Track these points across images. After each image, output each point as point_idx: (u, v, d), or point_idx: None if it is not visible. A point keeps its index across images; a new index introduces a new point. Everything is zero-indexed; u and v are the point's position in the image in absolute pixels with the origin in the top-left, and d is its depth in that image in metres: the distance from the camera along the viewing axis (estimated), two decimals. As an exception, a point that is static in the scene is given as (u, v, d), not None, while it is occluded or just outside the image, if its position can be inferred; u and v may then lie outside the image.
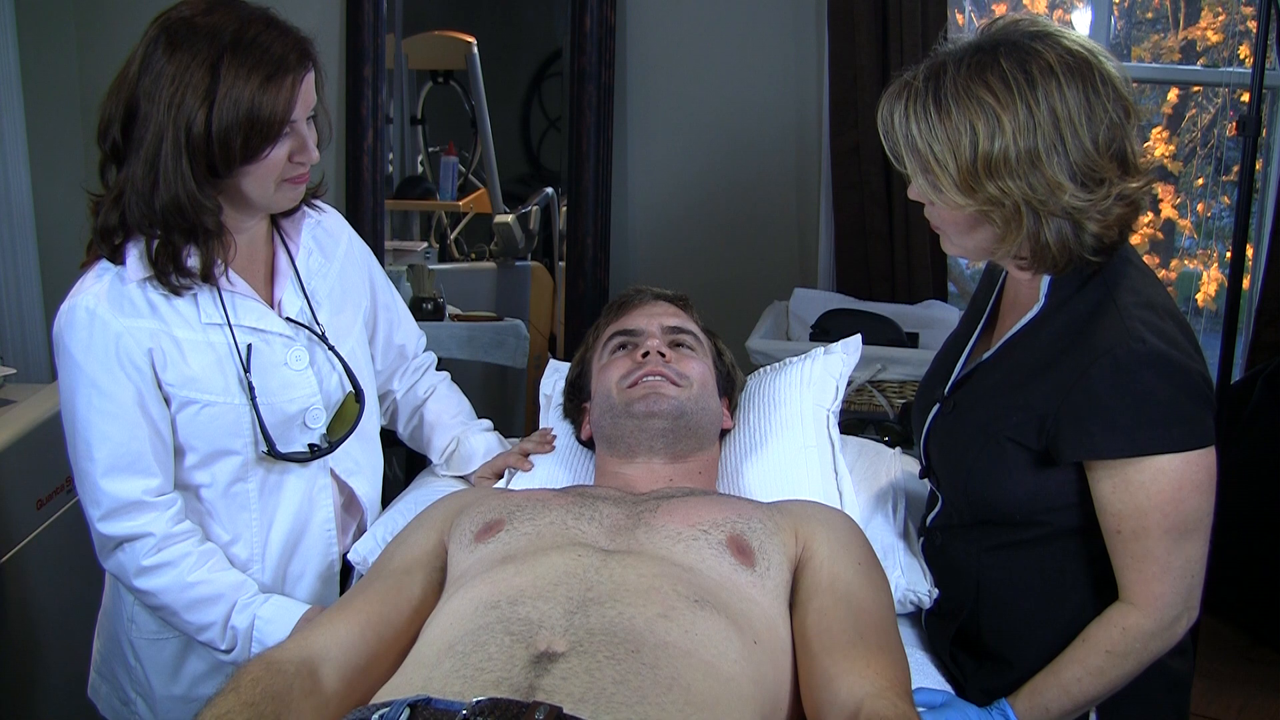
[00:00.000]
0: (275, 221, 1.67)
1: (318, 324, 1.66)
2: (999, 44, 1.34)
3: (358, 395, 1.69)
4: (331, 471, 1.71)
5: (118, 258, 1.52)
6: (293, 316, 1.64)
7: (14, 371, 2.38)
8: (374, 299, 1.82)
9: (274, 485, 1.65)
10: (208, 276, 1.54)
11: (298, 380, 1.63)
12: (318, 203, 1.75)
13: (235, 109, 1.44)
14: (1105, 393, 1.34)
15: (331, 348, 1.67)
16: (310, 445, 1.65)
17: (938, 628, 1.60)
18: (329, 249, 1.73)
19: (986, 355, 1.52)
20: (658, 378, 1.66)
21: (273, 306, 1.64)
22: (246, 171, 1.50)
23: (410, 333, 1.91)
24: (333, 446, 1.66)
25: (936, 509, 1.62)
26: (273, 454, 1.59)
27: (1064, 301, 1.43)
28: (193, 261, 1.52)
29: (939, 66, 1.36)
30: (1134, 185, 1.35)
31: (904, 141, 1.38)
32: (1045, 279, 1.44)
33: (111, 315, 1.50)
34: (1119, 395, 1.33)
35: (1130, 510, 1.36)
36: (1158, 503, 1.34)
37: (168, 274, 1.51)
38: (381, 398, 1.91)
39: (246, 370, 1.57)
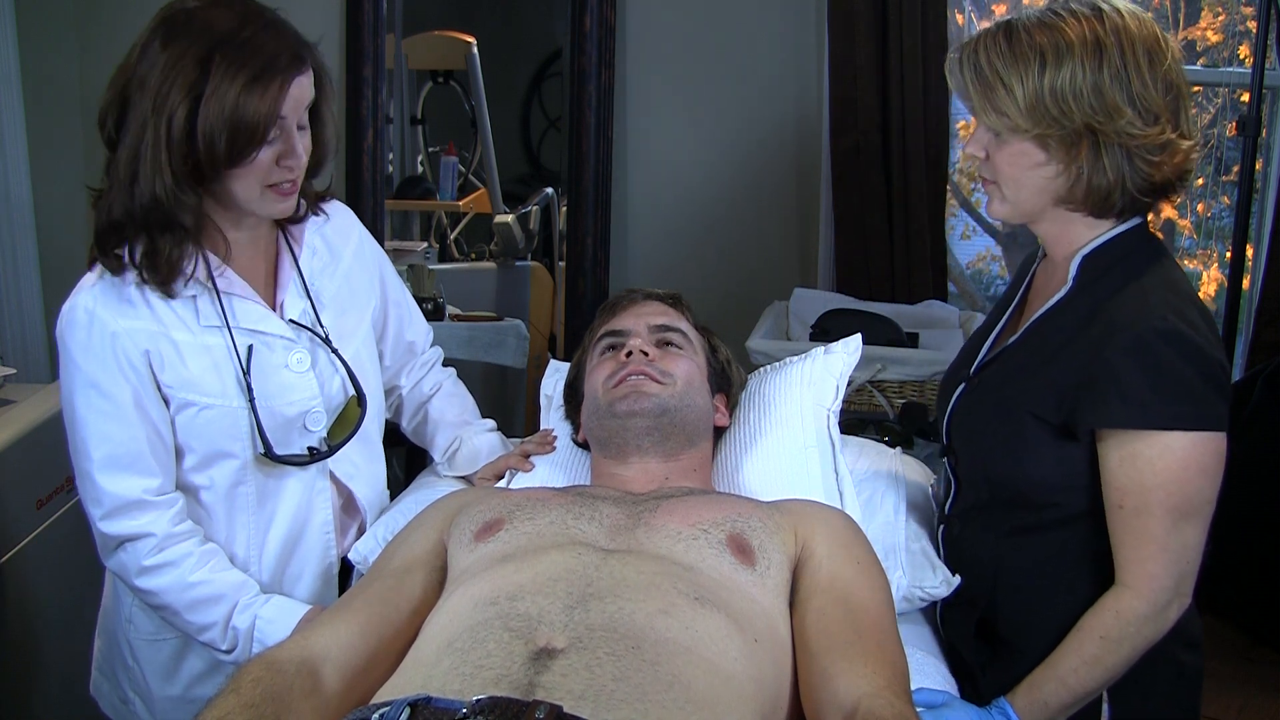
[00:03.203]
0: (279, 222, 1.67)
1: (321, 326, 1.66)
2: (1068, 3, 1.42)
3: (359, 399, 1.68)
4: (331, 474, 1.71)
5: (116, 265, 1.50)
6: (295, 318, 1.64)
7: (14, 371, 2.38)
8: (384, 296, 1.82)
9: (272, 489, 1.64)
10: (170, 278, 1.49)
11: (299, 383, 1.62)
12: (323, 206, 1.73)
13: (220, 109, 1.41)
14: (1122, 365, 1.36)
15: (334, 350, 1.66)
16: (309, 449, 1.64)
17: (956, 619, 1.60)
18: (336, 249, 1.72)
19: (1013, 339, 1.55)
20: (640, 376, 1.66)
21: (275, 308, 1.63)
22: (233, 175, 1.48)
23: (420, 329, 1.91)
24: (332, 450, 1.65)
25: (953, 496, 1.62)
26: (269, 456, 1.59)
27: (1090, 283, 1.45)
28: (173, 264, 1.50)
29: (1010, 19, 1.43)
30: (1185, 143, 1.41)
31: (973, 73, 1.42)
32: (1075, 262, 1.47)
33: (110, 315, 1.50)
34: (1136, 367, 1.36)
35: (1134, 486, 1.37)
36: (1162, 480, 1.36)
37: (153, 271, 1.49)
38: (388, 392, 1.91)
39: (246, 373, 1.57)
